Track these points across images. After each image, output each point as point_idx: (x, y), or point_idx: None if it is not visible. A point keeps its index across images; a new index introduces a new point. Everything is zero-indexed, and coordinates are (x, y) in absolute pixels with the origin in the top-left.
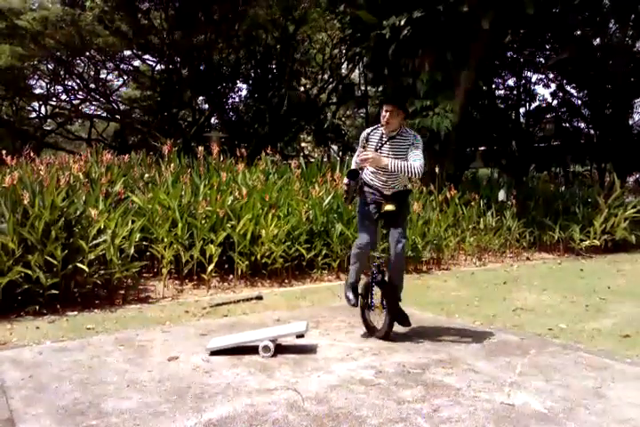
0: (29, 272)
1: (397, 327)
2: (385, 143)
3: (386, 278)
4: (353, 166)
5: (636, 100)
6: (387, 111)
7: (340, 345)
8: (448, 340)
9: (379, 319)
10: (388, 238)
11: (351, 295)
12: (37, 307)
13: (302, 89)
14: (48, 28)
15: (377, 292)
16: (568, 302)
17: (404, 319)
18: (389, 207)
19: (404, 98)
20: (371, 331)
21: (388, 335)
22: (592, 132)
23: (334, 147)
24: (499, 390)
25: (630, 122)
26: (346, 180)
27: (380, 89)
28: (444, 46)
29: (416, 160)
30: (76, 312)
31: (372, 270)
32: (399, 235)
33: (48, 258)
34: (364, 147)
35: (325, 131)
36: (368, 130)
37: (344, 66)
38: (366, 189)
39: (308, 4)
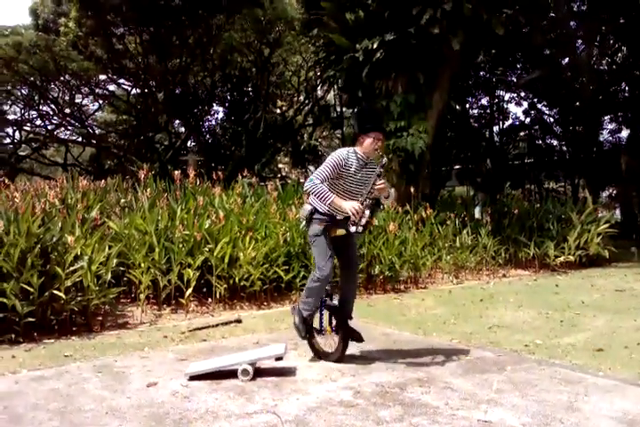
0: (5, 300)
1: (375, 346)
2: (363, 169)
3: (335, 302)
4: (327, 195)
5: (604, 117)
6: (379, 140)
7: (319, 367)
8: (425, 358)
9: (330, 342)
10: (342, 260)
11: (302, 327)
12: (13, 335)
13: (278, 111)
14: (22, 53)
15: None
16: (543, 318)
17: (357, 336)
18: (341, 231)
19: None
20: (322, 355)
21: (342, 359)
22: (565, 148)
23: (311, 168)
24: (476, 408)
25: (601, 138)
26: (368, 211)
27: (354, 110)
28: (416, 68)
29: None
30: (53, 340)
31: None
32: (355, 257)
33: (24, 286)
34: (337, 170)
35: (302, 152)
36: (344, 153)
37: (319, 88)
38: (317, 216)
39: (283, 28)
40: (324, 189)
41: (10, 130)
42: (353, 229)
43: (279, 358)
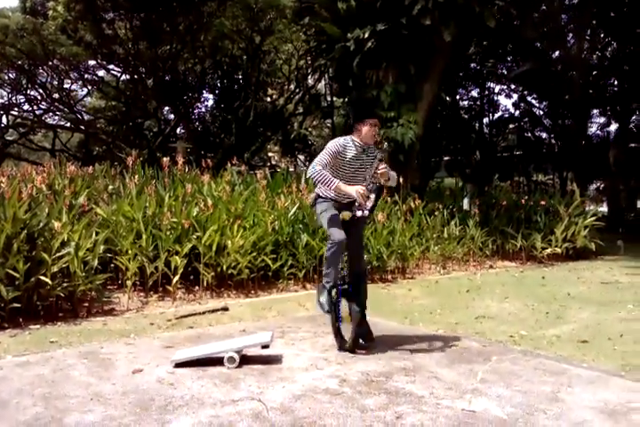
0: None
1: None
2: (362, 156)
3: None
4: (331, 180)
5: (593, 111)
6: (376, 126)
7: (305, 355)
8: (411, 348)
9: (345, 331)
10: (349, 247)
11: (325, 300)
12: None
13: (269, 99)
14: (9, 36)
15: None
16: (529, 310)
17: (368, 334)
18: (347, 214)
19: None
20: (341, 343)
21: (355, 347)
22: (553, 141)
23: (301, 157)
24: (460, 397)
25: (589, 132)
26: (373, 195)
27: (347, 100)
28: (407, 59)
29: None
30: (38, 326)
31: (337, 282)
32: (361, 242)
33: (10, 271)
34: (335, 157)
35: (292, 141)
36: (342, 141)
37: (310, 76)
38: (321, 200)
39: (274, 16)
40: (327, 175)
41: None
42: (359, 213)
43: (265, 346)
